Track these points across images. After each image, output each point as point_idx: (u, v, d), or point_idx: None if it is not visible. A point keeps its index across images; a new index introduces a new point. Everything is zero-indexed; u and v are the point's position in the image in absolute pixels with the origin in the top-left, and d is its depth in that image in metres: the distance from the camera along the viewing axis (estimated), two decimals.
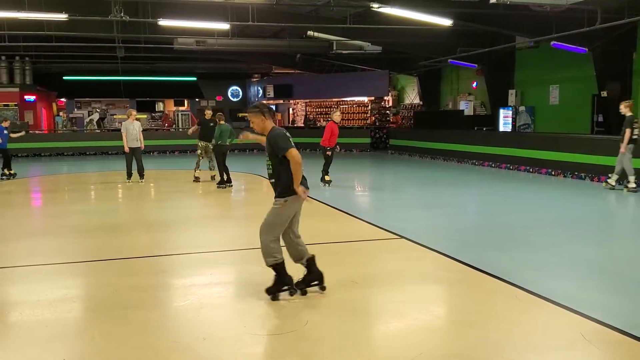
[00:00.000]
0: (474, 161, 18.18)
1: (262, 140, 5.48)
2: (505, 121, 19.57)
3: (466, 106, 22.60)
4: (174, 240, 7.87)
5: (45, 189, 14.56)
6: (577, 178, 13.89)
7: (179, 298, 5.30)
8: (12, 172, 15.31)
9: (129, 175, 13.89)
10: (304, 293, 5.10)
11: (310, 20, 17.89)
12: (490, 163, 17.39)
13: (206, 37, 19.37)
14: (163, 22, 16.11)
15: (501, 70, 19.99)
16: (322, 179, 13.20)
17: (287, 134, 5.05)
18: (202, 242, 7.63)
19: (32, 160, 22.22)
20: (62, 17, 15.20)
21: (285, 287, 5.05)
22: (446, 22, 14.83)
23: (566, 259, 6.46)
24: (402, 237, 7.56)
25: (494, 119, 20.11)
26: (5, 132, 15.30)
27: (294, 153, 4.86)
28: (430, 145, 21.00)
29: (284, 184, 4.96)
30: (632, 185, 11.41)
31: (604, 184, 12.19)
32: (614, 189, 11.74)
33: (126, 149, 13.63)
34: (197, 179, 14.02)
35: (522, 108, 19.27)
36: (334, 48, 20.55)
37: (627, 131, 11.23)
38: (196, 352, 3.97)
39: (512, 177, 14.88)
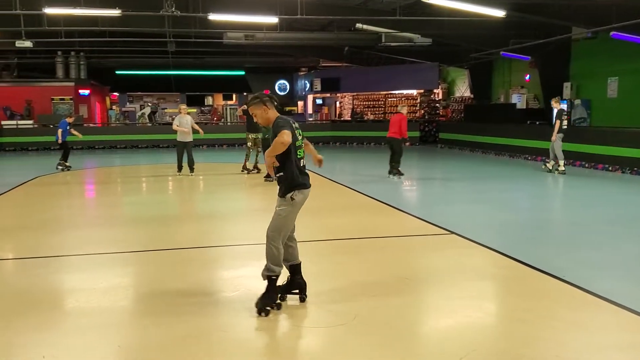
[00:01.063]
0: (527, 156, 17.75)
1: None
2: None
3: (518, 99, 22.07)
4: (223, 232, 7.94)
5: (99, 180, 14.93)
6: (636, 174, 13.38)
7: (229, 288, 5.32)
8: (68, 164, 15.72)
9: (180, 167, 14.12)
10: (282, 299, 4.75)
11: (359, 12, 17.78)
12: (544, 158, 16.91)
13: (255, 31, 19.49)
14: (213, 17, 16.26)
15: (556, 63, 19.38)
16: (392, 172, 13.28)
17: (292, 121, 4.68)
18: (250, 234, 7.66)
19: (86, 152, 22.84)
20: (116, 12, 15.54)
21: (274, 304, 4.64)
22: (499, 13, 14.48)
23: (624, 258, 6.21)
24: (452, 232, 7.41)
25: (547, 113, 19.56)
26: (68, 127, 15.65)
27: (284, 133, 4.38)
28: (481, 139, 20.61)
29: (288, 179, 4.59)
30: (562, 168, 13.69)
31: (542, 166, 14.49)
32: (550, 171, 13.90)
33: (184, 130, 13.79)
34: (247, 170, 14.22)
35: (577, 101, 18.67)
36: (383, 40, 20.37)
37: (557, 122, 13.59)
38: (246, 342, 3.97)
39: (567, 173, 14.44)
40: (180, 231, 8.02)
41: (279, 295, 4.72)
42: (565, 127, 13.66)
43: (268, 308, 4.52)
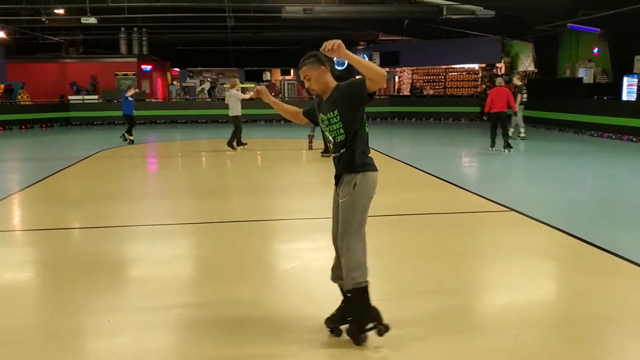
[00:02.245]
0: (593, 132, 17.10)
1: (281, 109, 4.18)
2: (629, 90, 18.14)
3: (585, 74, 21.21)
4: (280, 206, 8.02)
5: (161, 154, 15.31)
6: None
7: (285, 261, 5.38)
8: (132, 137, 16.15)
9: (239, 142, 14.28)
10: (337, 334, 3.62)
11: None
12: (611, 134, 16.28)
13: (313, 5, 19.37)
14: None
15: (627, 35, 18.44)
16: (507, 145, 13.38)
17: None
18: (307, 208, 7.71)
19: (148, 127, 23.41)
20: None
21: (371, 325, 3.52)
22: None
23: None
24: (512, 209, 7.24)
25: (616, 88, 18.73)
26: (130, 99, 16.05)
27: (368, 80, 3.42)
28: (545, 115, 19.98)
29: (360, 154, 3.55)
30: (523, 134, 16.14)
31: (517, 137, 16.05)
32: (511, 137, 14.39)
33: (253, 95, 13.94)
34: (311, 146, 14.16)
35: None
36: (444, 13, 19.88)
37: (519, 96, 15.92)
38: (301, 312, 4.01)
39: (635, 150, 13.83)
40: (238, 204, 8.16)
41: (334, 327, 3.64)
42: (525, 100, 16.44)
43: (366, 334, 3.52)
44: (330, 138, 3.63)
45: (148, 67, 29.02)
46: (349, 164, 3.54)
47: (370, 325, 3.49)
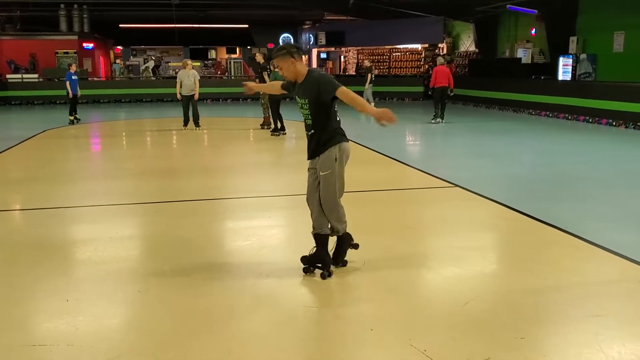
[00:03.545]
0: (531, 111, 17.78)
1: (267, 88, 5.35)
2: (564, 70, 18.89)
3: (524, 54, 21.89)
4: (231, 185, 8.09)
5: (106, 134, 15.05)
6: (639, 129, 13.44)
7: (241, 238, 5.50)
8: (78, 117, 15.89)
9: (186, 122, 14.19)
10: (310, 273, 4.44)
11: None
12: (548, 113, 16.97)
13: None
14: None
15: (562, 16, 19.15)
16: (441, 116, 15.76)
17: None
18: (258, 187, 7.82)
19: (91, 106, 22.85)
20: None
21: (323, 268, 4.37)
22: None
23: (628, 212, 6.34)
24: (456, 185, 7.56)
25: (553, 68, 19.45)
26: (74, 77, 15.63)
27: (344, 89, 4.11)
28: (485, 94, 20.58)
29: (330, 133, 4.22)
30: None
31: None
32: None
33: (178, 97, 13.99)
34: (266, 126, 14.14)
35: (583, 56, 18.53)
36: None
37: (369, 75, 18.59)
38: (258, 288, 4.15)
39: (571, 128, 14.51)
40: (188, 184, 8.18)
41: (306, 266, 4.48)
42: (374, 79, 19.33)
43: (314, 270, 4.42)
44: (303, 118, 4.33)
45: (90, 45, 28.16)
46: (324, 144, 4.22)
47: (324, 267, 4.36)
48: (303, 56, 4.39)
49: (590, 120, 15.15)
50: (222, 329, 3.53)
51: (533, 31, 21.77)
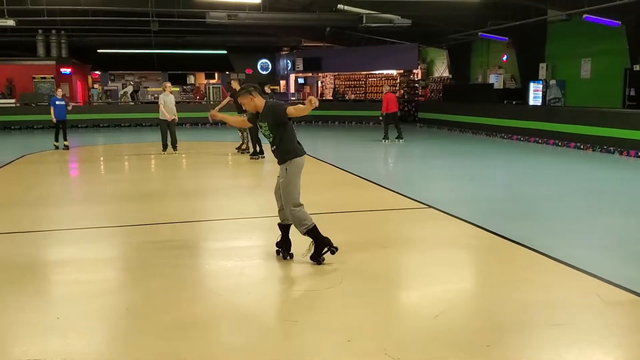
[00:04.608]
0: (503, 134, 18.30)
1: (232, 120, 6.29)
2: (535, 95, 19.53)
3: (496, 79, 22.55)
4: (212, 208, 8.30)
5: (86, 158, 15.12)
6: (606, 152, 13.96)
7: (223, 258, 5.70)
8: (55, 144, 15.81)
9: (165, 146, 14.38)
10: (283, 256, 5.45)
11: None
12: (519, 137, 17.49)
13: (238, 11, 19.63)
14: None
15: (532, 44, 19.87)
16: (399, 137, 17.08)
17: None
18: (238, 209, 8.04)
19: (68, 131, 22.82)
20: None
21: (326, 249, 5.28)
22: None
23: (589, 228, 6.72)
24: (430, 206, 7.86)
25: (524, 93, 20.08)
26: (58, 102, 15.46)
27: (291, 109, 5.10)
28: (459, 119, 21.11)
29: (286, 147, 5.24)
30: None
31: None
32: None
33: (168, 118, 14.13)
34: (242, 151, 14.39)
35: (552, 82, 19.19)
36: (364, 21, 20.63)
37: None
38: (242, 305, 4.37)
39: (541, 151, 14.99)
40: (169, 207, 8.36)
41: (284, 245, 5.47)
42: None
43: (323, 257, 5.26)
44: (266, 138, 5.40)
45: (67, 70, 28.27)
46: (281, 156, 5.30)
47: (325, 249, 5.27)
48: (259, 93, 5.39)
49: (560, 143, 15.68)
50: (206, 341, 3.74)
51: (504, 57, 22.48)
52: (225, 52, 31.81)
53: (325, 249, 5.27)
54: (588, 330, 3.88)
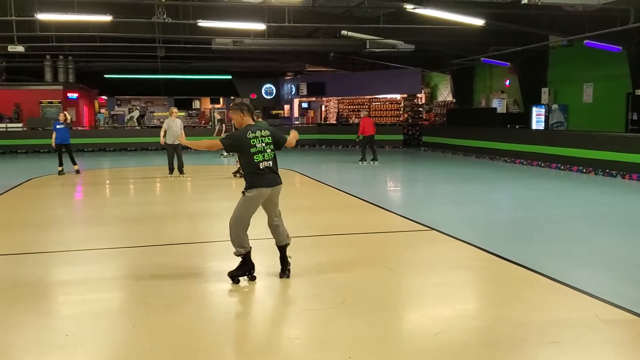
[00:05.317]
0: (506, 158, 18.40)
1: (198, 145, 6.20)
2: (538, 119, 19.67)
3: (499, 104, 22.72)
4: (216, 229, 8.37)
5: (92, 182, 15.26)
6: (608, 176, 14.04)
7: (227, 279, 5.78)
8: (59, 168, 15.58)
9: (171, 170, 14.53)
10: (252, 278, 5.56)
11: (344, 20, 18.34)
12: (522, 160, 17.60)
13: (243, 37, 19.94)
14: (202, 24, 16.67)
15: (534, 69, 20.09)
16: (374, 159, 17.84)
17: (248, 133, 5.45)
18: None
19: (76, 155, 23.03)
20: (107, 18, 15.90)
21: (247, 273, 5.52)
22: (478, 22, 15.09)
23: (589, 251, 6.79)
24: (433, 229, 7.94)
25: (526, 117, 20.23)
26: (59, 126, 15.36)
27: (216, 141, 5.59)
28: (462, 143, 21.25)
29: (246, 177, 5.56)
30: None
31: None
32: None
33: (161, 142, 14.39)
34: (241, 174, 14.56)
35: (555, 106, 19.35)
36: (367, 47, 20.92)
37: (219, 126, 20.50)
38: (245, 323, 4.45)
39: (544, 174, 15.07)
40: (174, 228, 8.47)
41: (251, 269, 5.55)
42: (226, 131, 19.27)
43: (239, 278, 5.48)
44: (256, 155, 5.52)
45: (74, 95, 28.64)
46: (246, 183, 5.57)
47: (245, 275, 5.48)
48: (250, 113, 5.62)
49: (562, 167, 15.77)
50: (213, 357, 3.82)
51: (507, 82, 22.68)
52: (230, 77, 32.18)
53: (247, 274, 5.54)
54: (585, 347, 3.95)
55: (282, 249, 5.68)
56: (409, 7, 14.17)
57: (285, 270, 5.63)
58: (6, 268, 6.45)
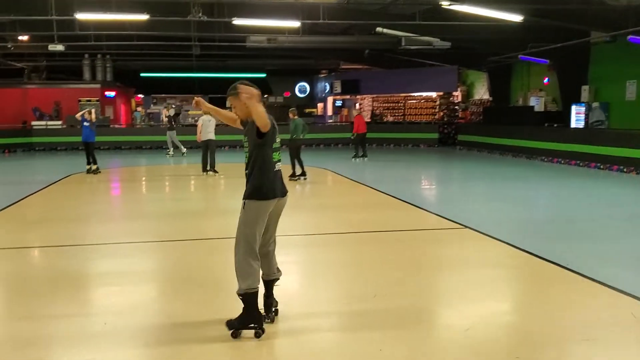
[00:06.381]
0: (544, 157, 18.06)
1: (222, 114, 4.85)
2: (577, 118, 19.23)
3: (537, 102, 22.31)
4: None
5: (129, 178, 15.54)
6: None
7: None
8: (89, 167, 15.05)
9: (204, 167, 14.63)
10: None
11: (379, 17, 18.23)
12: (560, 160, 17.24)
13: (277, 35, 19.99)
14: (237, 21, 16.80)
15: (574, 66, 19.62)
16: (364, 155, 18.65)
17: (273, 122, 4.09)
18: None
19: (113, 152, 23.53)
20: (144, 17, 16.13)
21: (252, 325, 4.03)
22: (516, 18, 14.84)
23: (627, 250, 6.62)
24: (466, 227, 7.82)
25: (565, 116, 19.80)
26: (85, 123, 14.79)
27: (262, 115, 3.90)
28: (499, 141, 20.94)
29: (253, 182, 4.09)
30: (171, 154, 20.84)
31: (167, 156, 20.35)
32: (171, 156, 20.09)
33: (198, 139, 14.50)
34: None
35: (595, 104, 18.88)
36: (403, 44, 20.73)
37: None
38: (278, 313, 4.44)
39: (582, 174, 14.73)
40: (208, 224, 8.55)
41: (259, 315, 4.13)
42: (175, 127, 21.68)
43: (254, 327, 4.04)
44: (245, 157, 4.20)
45: (112, 94, 29.16)
46: (245, 190, 4.14)
47: (252, 325, 4.03)
48: (259, 99, 4.02)
49: (602, 166, 15.39)
50: (249, 346, 3.82)
51: (546, 80, 22.24)
52: (264, 75, 32.32)
53: (252, 325, 4.04)
54: (620, 346, 3.86)
55: (271, 284, 4.36)
56: (445, 3, 14.02)
57: (270, 313, 4.29)
58: (47, 260, 6.62)
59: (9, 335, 4.19)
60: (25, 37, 21.21)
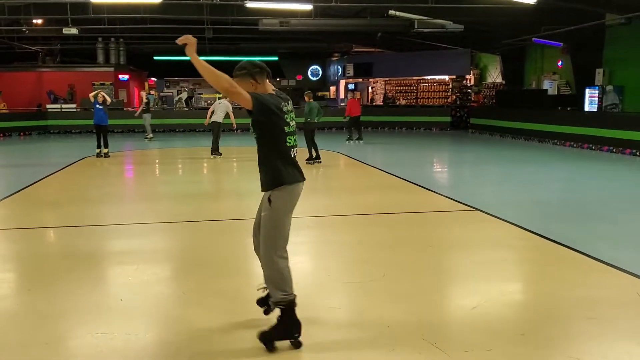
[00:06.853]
0: (556, 141, 18.02)
1: (202, 67, 3.69)
2: (591, 101, 19.12)
3: (550, 85, 22.18)
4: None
5: (143, 161, 15.72)
6: None
7: None
8: (98, 151, 14.98)
9: (214, 150, 14.75)
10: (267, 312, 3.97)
11: None
12: (572, 143, 17.20)
13: (289, 18, 19.98)
14: (250, 4, 16.84)
15: (588, 49, 19.44)
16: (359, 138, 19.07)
17: (281, 103, 3.65)
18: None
19: (126, 135, 23.75)
20: (157, 0, 16.22)
21: (291, 336, 3.63)
22: (530, 0, 14.74)
23: (634, 231, 6.68)
24: (477, 209, 7.91)
25: (579, 99, 19.69)
26: (98, 106, 14.73)
27: (232, 84, 3.45)
28: (511, 125, 20.89)
29: (269, 171, 3.65)
30: (150, 136, 20.89)
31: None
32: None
33: (206, 123, 14.82)
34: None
35: (609, 87, 18.75)
36: (415, 27, 20.63)
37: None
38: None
39: (594, 157, 14.72)
40: (221, 205, 8.70)
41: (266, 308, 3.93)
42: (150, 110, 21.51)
43: (291, 338, 3.65)
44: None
45: (125, 77, 29.34)
46: (263, 183, 3.70)
47: (286, 338, 3.63)
48: (267, 78, 3.74)
49: (614, 150, 15.35)
50: (259, 321, 3.97)
51: (559, 63, 22.09)
52: (276, 58, 32.32)
53: (295, 335, 3.64)
54: (624, 324, 3.96)
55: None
56: None
57: (268, 306, 3.92)
58: (64, 239, 6.80)
59: (28, 309, 4.36)
60: (39, 21, 21.40)
